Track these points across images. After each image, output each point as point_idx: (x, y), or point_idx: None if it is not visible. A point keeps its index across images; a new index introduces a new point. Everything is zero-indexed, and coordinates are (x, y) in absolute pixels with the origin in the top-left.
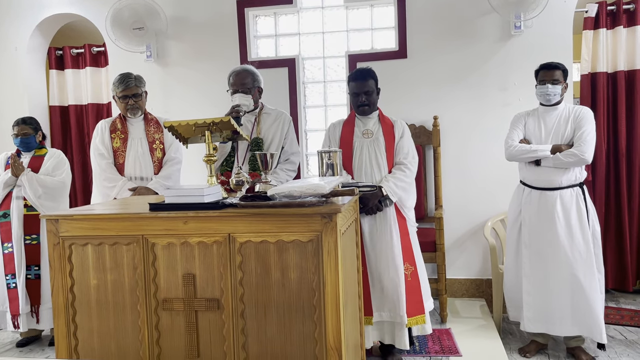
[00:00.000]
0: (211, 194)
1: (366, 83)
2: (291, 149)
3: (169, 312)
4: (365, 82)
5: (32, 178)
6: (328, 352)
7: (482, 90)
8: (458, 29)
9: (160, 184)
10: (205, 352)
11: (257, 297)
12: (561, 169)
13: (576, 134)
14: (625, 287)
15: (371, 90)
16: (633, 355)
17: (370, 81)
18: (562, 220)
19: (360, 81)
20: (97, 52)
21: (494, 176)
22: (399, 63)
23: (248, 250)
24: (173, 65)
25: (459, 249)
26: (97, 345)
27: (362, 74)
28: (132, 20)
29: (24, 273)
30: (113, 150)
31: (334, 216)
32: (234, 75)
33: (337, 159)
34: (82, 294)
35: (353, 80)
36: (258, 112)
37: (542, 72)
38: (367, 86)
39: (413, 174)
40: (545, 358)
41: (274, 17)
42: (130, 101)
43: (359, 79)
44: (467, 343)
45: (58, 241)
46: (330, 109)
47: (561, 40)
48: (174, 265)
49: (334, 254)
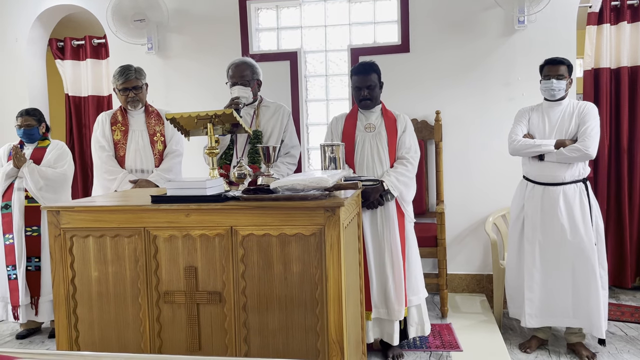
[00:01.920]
0: (213, 186)
1: (369, 77)
2: (291, 142)
3: (170, 305)
4: (368, 76)
5: (34, 170)
6: (330, 345)
7: (485, 85)
8: (461, 23)
9: (161, 177)
10: (206, 345)
11: (259, 290)
12: (565, 164)
13: (580, 129)
14: (624, 283)
15: (374, 85)
16: (633, 352)
17: (373, 75)
18: (565, 216)
19: (362, 75)
20: (97, 44)
21: (495, 171)
22: (402, 57)
23: (250, 243)
24: (174, 57)
25: (460, 244)
26: (98, 338)
27: (365, 68)
28: (133, 12)
29: (24, 264)
30: (114, 143)
31: (337, 210)
32: (233, 68)
33: (340, 153)
34: (83, 286)
35: (356, 74)
36: (257, 105)
37: (547, 67)
38: (370, 80)
39: (415, 169)
40: (546, 353)
41: (276, 10)
42: (130, 94)
43: (362, 73)
44: (468, 338)
45: (59, 233)
46: (332, 103)
47: (565, 35)
48: (175, 257)
49: (337, 248)
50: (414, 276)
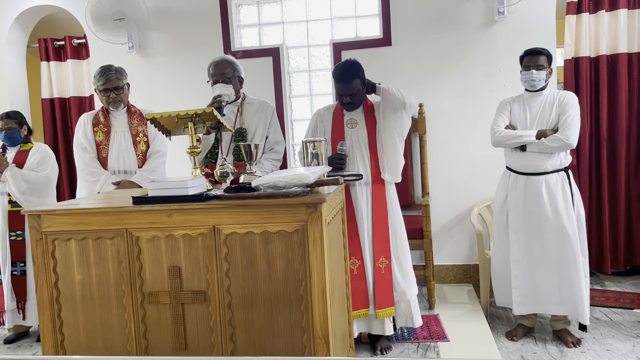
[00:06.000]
0: (195, 186)
1: (350, 85)
2: (275, 138)
3: (155, 306)
4: (349, 84)
5: (16, 173)
6: (315, 340)
7: (467, 76)
8: (442, 16)
9: (144, 177)
10: (192, 344)
11: (243, 288)
12: (546, 154)
13: (561, 119)
14: (604, 269)
15: (355, 91)
16: (618, 336)
17: (354, 81)
18: (548, 205)
19: (344, 83)
20: (77, 44)
21: (479, 162)
22: (384, 50)
23: (233, 241)
24: (155, 56)
25: (446, 235)
26: (84, 340)
27: (346, 76)
28: (113, 10)
29: (9, 269)
30: (96, 144)
31: (319, 206)
32: (214, 66)
33: (322, 149)
34: (67, 290)
35: (337, 81)
36: (240, 102)
37: (526, 58)
38: (351, 89)
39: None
40: (532, 341)
41: (257, 6)
42: (111, 94)
43: (343, 81)
44: (455, 328)
45: (41, 237)
46: (316, 98)
47: (544, 25)
48: (159, 258)
49: (320, 244)
50: (406, 272)
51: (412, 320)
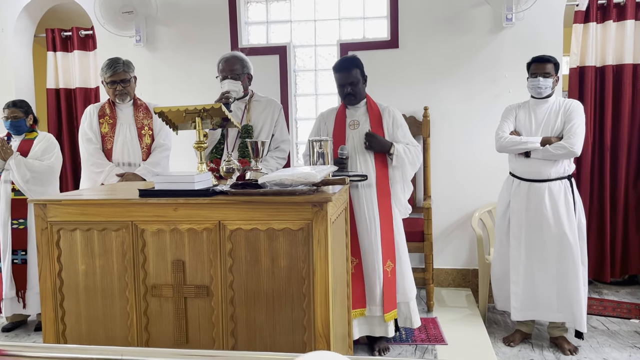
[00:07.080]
0: (201, 180)
1: (350, 74)
2: (281, 136)
3: (157, 299)
4: (349, 72)
5: (20, 162)
6: (316, 339)
7: (472, 81)
8: (450, 20)
9: (148, 170)
10: (194, 338)
11: (246, 284)
12: (550, 161)
13: (566, 127)
14: (604, 278)
15: (356, 81)
16: (615, 345)
17: (354, 71)
18: (550, 212)
19: (344, 72)
20: (85, 35)
21: (482, 167)
22: (391, 53)
23: (238, 237)
24: (163, 50)
25: (446, 239)
26: (85, 331)
27: (346, 65)
28: (122, 3)
29: (10, 257)
30: (101, 136)
31: (324, 205)
32: (223, 62)
33: (328, 148)
34: (70, 279)
35: (337, 72)
36: (248, 99)
37: (534, 65)
38: (351, 77)
39: (420, 155)
40: (529, 347)
41: (265, 3)
42: (118, 87)
43: (343, 70)
44: (453, 332)
45: (46, 226)
46: (321, 98)
47: (552, 33)
48: (163, 251)
49: (324, 243)
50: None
51: (411, 321)
